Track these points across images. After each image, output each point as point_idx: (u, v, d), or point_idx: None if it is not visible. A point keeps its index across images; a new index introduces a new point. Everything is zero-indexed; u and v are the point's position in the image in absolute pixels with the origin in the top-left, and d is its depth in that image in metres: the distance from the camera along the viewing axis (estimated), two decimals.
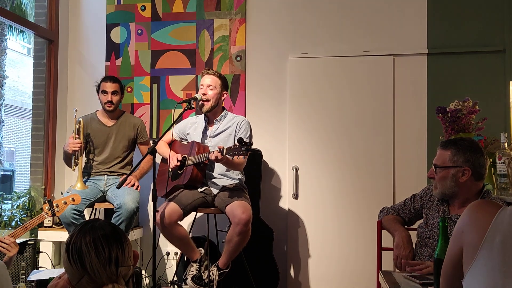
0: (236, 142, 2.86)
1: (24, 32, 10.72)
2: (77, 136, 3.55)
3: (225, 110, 3.43)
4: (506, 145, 2.77)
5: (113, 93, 3.67)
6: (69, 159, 3.58)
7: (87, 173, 3.72)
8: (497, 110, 3.71)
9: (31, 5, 9.89)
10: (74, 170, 3.57)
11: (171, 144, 3.51)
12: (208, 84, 3.32)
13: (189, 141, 3.41)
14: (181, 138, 3.54)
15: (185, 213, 3.16)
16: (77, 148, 3.50)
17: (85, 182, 3.60)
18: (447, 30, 3.90)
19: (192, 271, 3.15)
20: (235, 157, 2.91)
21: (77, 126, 3.57)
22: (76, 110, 3.64)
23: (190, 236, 3.66)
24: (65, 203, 2.85)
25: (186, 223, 3.53)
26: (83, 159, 3.63)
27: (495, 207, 1.25)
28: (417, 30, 3.93)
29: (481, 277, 1.19)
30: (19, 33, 11.30)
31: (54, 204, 2.79)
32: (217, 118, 3.37)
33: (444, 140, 2.37)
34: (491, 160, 2.89)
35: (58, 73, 4.29)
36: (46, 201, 2.82)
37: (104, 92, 3.67)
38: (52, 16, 4.27)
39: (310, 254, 3.93)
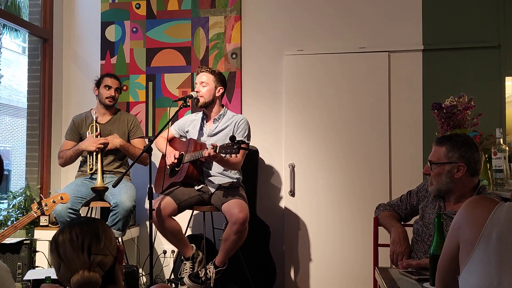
0: (228, 140, 2.86)
1: (19, 31, 10.68)
2: (97, 134, 3.65)
3: (224, 109, 3.42)
4: (501, 140, 2.78)
5: (116, 89, 3.73)
6: (78, 156, 3.65)
7: (83, 171, 3.72)
8: (492, 106, 3.72)
9: (25, 4, 9.85)
10: (92, 171, 3.59)
11: (171, 141, 3.51)
12: (201, 81, 3.33)
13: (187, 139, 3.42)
14: (180, 136, 3.54)
15: (180, 209, 3.16)
16: (101, 146, 3.56)
17: (81, 181, 3.61)
18: (442, 26, 3.90)
19: (186, 270, 3.15)
20: (228, 156, 2.91)
21: (95, 128, 3.67)
22: (95, 112, 3.73)
23: (187, 234, 3.67)
24: (54, 202, 2.88)
25: (183, 221, 3.52)
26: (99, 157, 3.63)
27: (492, 203, 1.26)
28: (413, 27, 3.93)
29: (477, 273, 1.20)
30: (14, 32, 11.26)
31: (43, 203, 2.81)
32: (216, 117, 3.37)
33: (439, 136, 2.37)
34: (486, 155, 2.90)
35: (53, 71, 4.27)
36: (35, 201, 2.83)
37: (108, 86, 3.70)
38: (47, 14, 4.25)
39: (307, 251, 3.94)
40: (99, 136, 3.65)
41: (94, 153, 3.59)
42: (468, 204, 1.31)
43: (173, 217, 3.15)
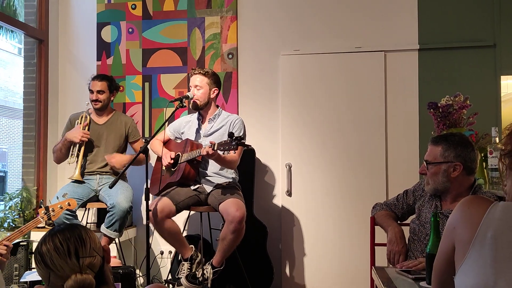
0: (227, 137, 2.87)
1: (15, 32, 10.64)
2: (85, 125, 3.65)
3: (219, 109, 3.42)
4: (497, 139, 2.79)
5: (98, 92, 3.68)
6: (67, 148, 3.62)
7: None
8: (488, 105, 3.72)
9: (21, 5, 9.82)
10: (73, 162, 3.58)
11: (166, 143, 3.51)
12: (195, 85, 3.33)
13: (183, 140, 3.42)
14: (176, 137, 3.54)
15: (178, 210, 3.16)
16: (85, 139, 3.56)
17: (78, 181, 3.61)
18: (438, 25, 3.91)
19: (184, 270, 3.15)
20: (226, 153, 2.91)
21: (84, 118, 3.68)
22: (88, 104, 3.76)
23: (184, 234, 3.67)
24: (61, 208, 2.84)
25: (180, 222, 3.52)
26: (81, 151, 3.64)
27: (487, 202, 1.25)
28: (408, 26, 3.93)
29: (473, 273, 1.19)
30: (10, 33, 11.21)
31: (50, 209, 2.79)
32: (211, 117, 3.37)
33: (435, 136, 2.38)
34: (482, 154, 2.91)
35: (48, 72, 4.26)
36: (42, 206, 2.81)
37: (91, 91, 3.71)
38: (42, 15, 4.24)
39: (304, 251, 3.94)
40: (87, 128, 3.64)
41: (77, 145, 3.59)
42: (462, 204, 1.30)
43: (171, 217, 3.14)
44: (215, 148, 2.92)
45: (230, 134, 2.82)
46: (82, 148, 3.60)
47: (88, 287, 1.37)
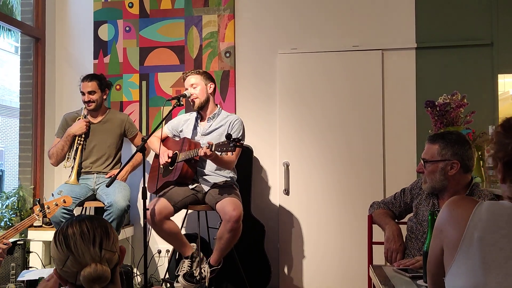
0: (224, 138, 2.86)
1: (11, 31, 10.61)
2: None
3: (218, 108, 3.42)
4: None
5: (89, 92, 3.65)
6: (71, 145, 3.60)
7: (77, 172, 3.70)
8: (485, 103, 3.73)
9: (18, 3, 9.79)
10: (69, 166, 3.57)
11: (164, 141, 3.50)
12: (191, 84, 3.34)
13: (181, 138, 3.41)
14: (174, 135, 3.54)
15: (176, 210, 3.16)
16: (88, 124, 3.62)
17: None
18: (435, 24, 3.91)
19: (184, 268, 3.14)
20: (224, 154, 2.91)
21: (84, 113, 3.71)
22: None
23: (182, 233, 3.66)
24: (56, 205, 2.83)
25: (177, 220, 3.52)
26: (78, 156, 3.63)
27: (472, 202, 1.24)
28: (406, 25, 3.94)
29: (462, 275, 1.19)
30: (6, 32, 11.19)
31: (45, 206, 2.77)
32: (210, 116, 3.37)
33: (432, 134, 2.38)
34: (479, 153, 2.91)
35: (45, 71, 4.24)
36: (37, 203, 2.79)
37: (82, 93, 3.68)
38: (39, 14, 4.23)
39: (302, 250, 3.94)
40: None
41: (74, 149, 3.57)
42: (448, 206, 1.29)
43: (170, 218, 3.14)
44: (213, 149, 2.92)
45: (228, 136, 2.82)
46: (79, 153, 3.58)
47: (104, 280, 1.34)
